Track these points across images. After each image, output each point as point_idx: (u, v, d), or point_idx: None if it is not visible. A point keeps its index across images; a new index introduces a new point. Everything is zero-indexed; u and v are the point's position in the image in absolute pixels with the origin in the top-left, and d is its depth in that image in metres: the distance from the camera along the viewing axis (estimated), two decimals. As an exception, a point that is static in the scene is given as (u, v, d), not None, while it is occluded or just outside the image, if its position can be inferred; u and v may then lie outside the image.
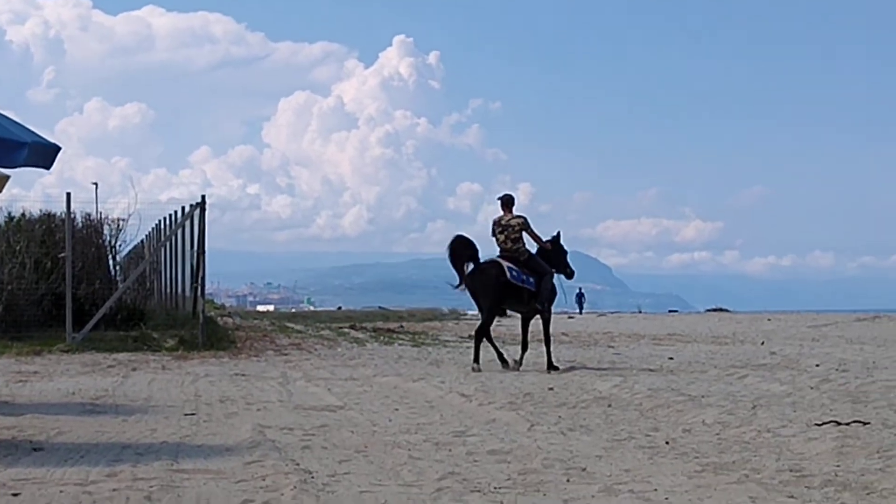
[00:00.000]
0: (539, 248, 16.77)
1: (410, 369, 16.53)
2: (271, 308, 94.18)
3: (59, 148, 10.02)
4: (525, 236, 16.51)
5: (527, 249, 16.52)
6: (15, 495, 6.33)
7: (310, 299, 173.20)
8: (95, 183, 33.87)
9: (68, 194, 20.94)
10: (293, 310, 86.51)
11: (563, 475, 6.99)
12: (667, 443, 8.49)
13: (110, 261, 23.70)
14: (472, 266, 16.27)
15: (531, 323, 17.09)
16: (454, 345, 23.77)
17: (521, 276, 16.18)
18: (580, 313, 59.98)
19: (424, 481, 6.80)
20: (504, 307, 16.95)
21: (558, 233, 17.27)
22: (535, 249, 16.74)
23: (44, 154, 9.80)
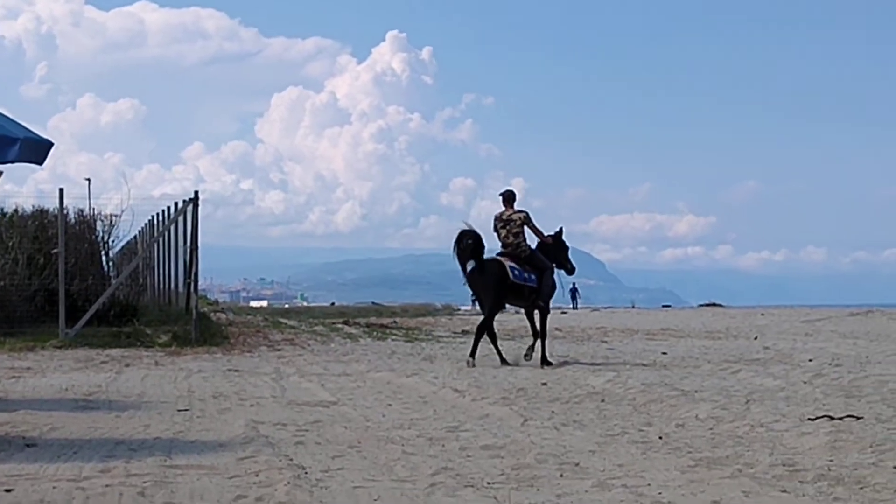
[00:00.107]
0: (540, 243, 16.80)
1: (404, 365, 16.52)
2: (264, 304, 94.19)
3: (52, 144, 10.01)
4: (526, 231, 16.57)
5: (528, 245, 16.56)
6: (8, 491, 6.32)
7: (303, 295, 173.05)
8: (88, 179, 34.02)
9: (61, 190, 20.93)
10: (286, 305, 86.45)
11: (557, 470, 6.99)
12: (660, 438, 8.49)
13: (103, 257, 23.67)
14: (475, 264, 16.24)
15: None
16: (447, 340, 23.78)
17: (524, 275, 16.23)
18: (574, 308, 60.04)
19: (418, 476, 6.80)
20: (505, 303, 17.01)
21: (560, 229, 17.33)
22: (536, 244, 16.77)
23: (36, 150, 9.78)
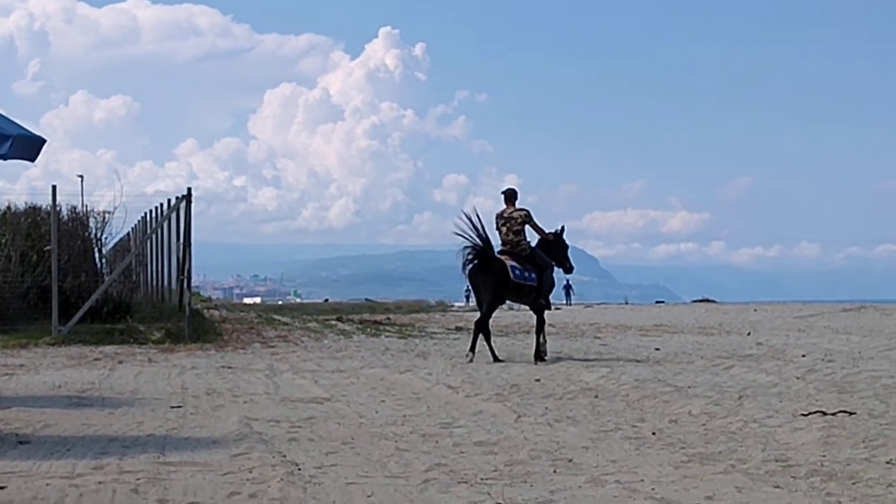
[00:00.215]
0: (540, 241, 16.83)
1: (397, 361, 16.52)
2: (258, 300, 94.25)
3: (44, 141, 10.00)
4: (527, 229, 16.61)
5: (528, 243, 16.61)
6: (1, 488, 6.32)
7: (296, 291, 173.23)
8: (81, 175, 33.81)
9: (54, 187, 20.90)
10: (280, 302, 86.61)
11: (550, 466, 7.00)
12: (653, 433, 8.50)
13: (96, 254, 23.63)
14: (478, 261, 16.22)
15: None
16: (441, 336, 23.78)
17: (524, 274, 16.28)
18: (568, 305, 60.08)
19: (411, 473, 6.80)
20: (504, 301, 17.04)
21: (562, 227, 17.36)
22: (536, 242, 16.80)
23: (29, 147, 9.78)
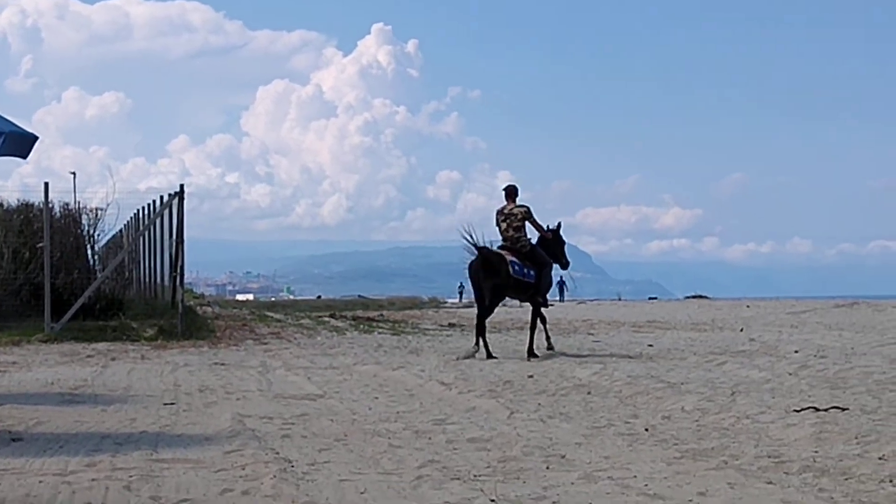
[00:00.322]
0: (540, 238, 16.85)
1: (390, 358, 16.52)
2: (251, 297, 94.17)
3: (37, 137, 9.99)
4: (527, 226, 16.63)
5: (528, 240, 16.63)
6: (-7, 486, 6.31)
7: (289, 288, 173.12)
8: (73, 172, 33.81)
9: (46, 184, 20.85)
10: (272, 299, 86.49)
11: (543, 462, 7.00)
12: (646, 430, 8.51)
13: (89, 250, 23.61)
14: (478, 256, 16.23)
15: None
16: (434, 333, 23.78)
17: (523, 270, 16.29)
18: (561, 301, 60.10)
19: (404, 469, 6.80)
20: (505, 297, 17.06)
21: (559, 224, 17.38)
22: (536, 239, 16.83)
23: (21, 143, 9.77)
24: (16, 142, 9.64)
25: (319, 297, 75.42)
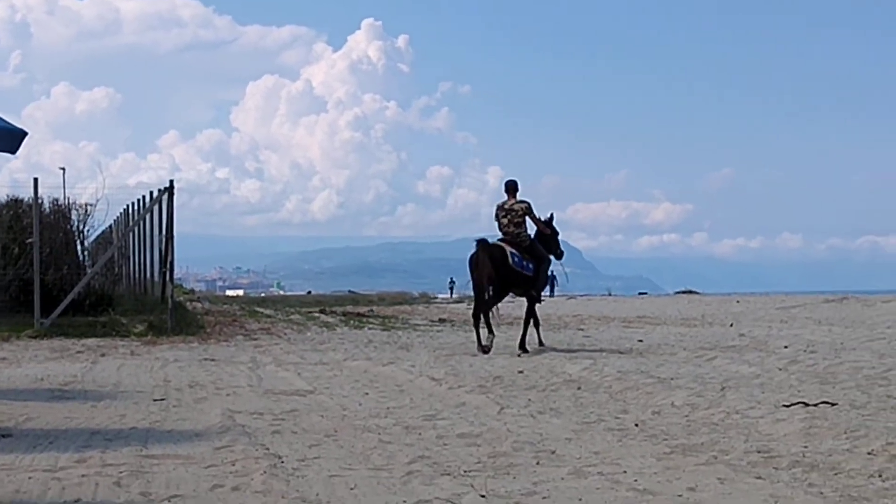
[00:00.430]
0: (537, 233, 16.89)
1: (380, 353, 16.52)
2: (241, 293, 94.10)
3: (26, 133, 9.97)
4: (527, 221, 16.68)
5: (528, 235, 16.69)
6: (-17, 482, 6.30)
7: (279, 283, 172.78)
8: (63, 168, 34.01)
9: (35, 179, 20.81)
10: (263, 294, 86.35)
11: (533, 458, 7.01)
12: (636, 425, 8.52)
13: (78, 246, 23.55)
14: (478, 247, 16.28)
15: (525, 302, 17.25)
16: (424, 328, 23.79)
17: (522, 262, 16.38)
18: (551, 296, 60.07)
19: (394, 465, 6.80)
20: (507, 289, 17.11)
21: (551, 215, 17.42)
22: (534, 234, 16.87)
23: (10, 139, 9.74)
24: (4, 137, 9.62)
25: (310, 293, 75.40)
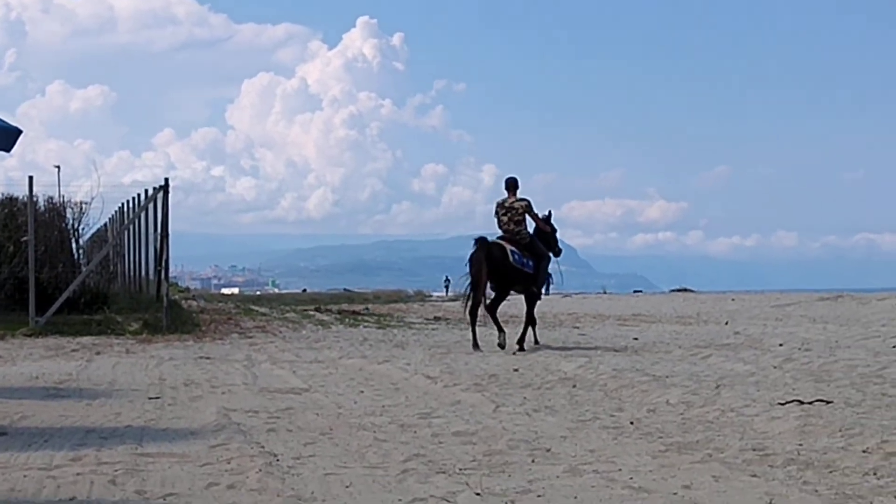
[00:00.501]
0: (536, 230, 16.92)
1: (376, 351, 16.51)
2: (236, 291, 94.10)
3: (21, 131, 9.96)
4: (527, 219, 16.74)
5: (528, 232, 16.74)
6: (-22, 481, 6.29)
7: (274, 282, 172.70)
8: (58, 166, 33.60)
9: (30, 177, 20.78)
10: (258, 292, 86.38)
11: (528, 456, 7.01)
12: (631, 423, 8.52)
13: (73, 244, 23.55)
14: (478, 246, 16.30)
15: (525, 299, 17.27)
16: (419, 327, 23.78)
17: (522, 260, 16.43)
18: (546, 294, 59.97)
19: (390, 463, 6.80)
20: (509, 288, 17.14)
21: (549, 212, 17.44)
22: (533, 231, 16.90)
23: (4, 137, 9.74)
24: (-1, 135, 9.61)
25: (305, 291, 75.33)
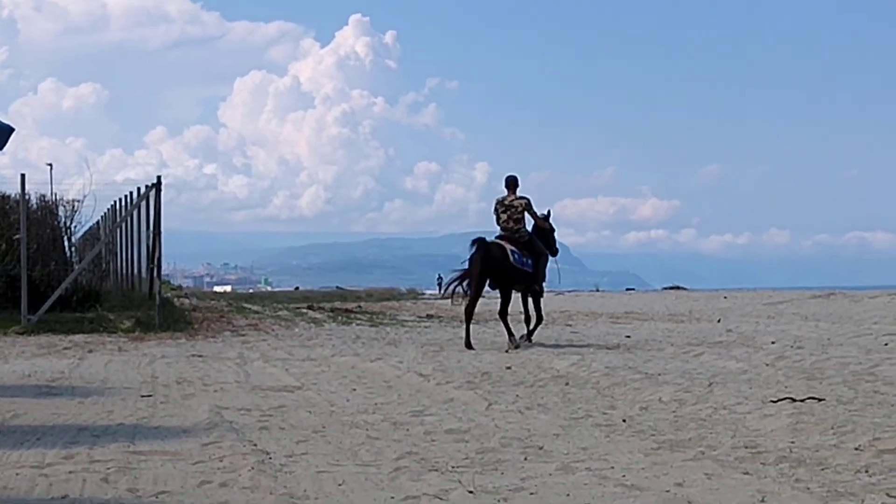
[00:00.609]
0: (535, 228, 16.95)
1: (368, 349, 16.51)
2: (228, 289, 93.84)
3: (13, 129, 9.94)
4: (526, 217, 16.79)
5: (527, 231, 16.80)
6: (-30, 479, 6.28)
7: (267, 280, 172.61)
8: (50, 164, 33.57)
9: (23, 175, 20.72)
10: (250, 290, 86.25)
11: (521, 454, 7.02)
12: (624, 420, 8.53)
13: (65, 242, 23.50)
14: (478, 247, 16.32)
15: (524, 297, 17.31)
16: (412, 325, 23.76)
17: (522, 259, 16.49)
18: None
19: (382, 461, 6.80)
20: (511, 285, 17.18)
21: (548, 211, 17.48)
22: (532, 229, 16.94)
23: (-4, 135, 9.70)
24: (-9, 133, 9.58)
25: (297, 289, 75.19)
